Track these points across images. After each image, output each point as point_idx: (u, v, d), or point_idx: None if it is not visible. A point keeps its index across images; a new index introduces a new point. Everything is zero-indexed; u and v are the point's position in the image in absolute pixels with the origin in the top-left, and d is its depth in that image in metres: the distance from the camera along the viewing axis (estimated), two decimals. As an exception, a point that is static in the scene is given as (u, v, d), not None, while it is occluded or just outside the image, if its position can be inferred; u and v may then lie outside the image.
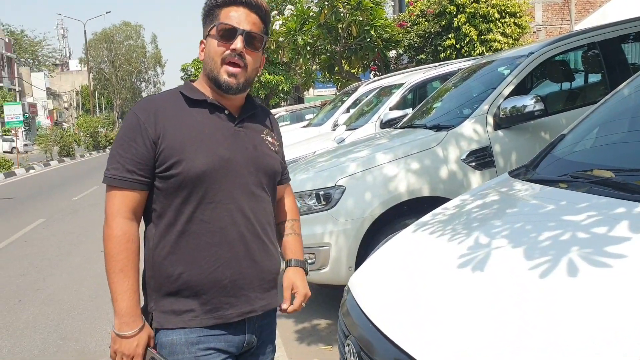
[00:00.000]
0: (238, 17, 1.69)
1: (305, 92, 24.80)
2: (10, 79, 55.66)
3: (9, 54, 57.04)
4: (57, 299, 5.42)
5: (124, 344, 1.60)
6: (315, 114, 14.97)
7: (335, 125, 8.60)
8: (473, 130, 4.28)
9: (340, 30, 11.58)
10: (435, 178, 4.17)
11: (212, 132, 1.69)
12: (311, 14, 11.70)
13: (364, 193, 4.13)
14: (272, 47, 12.45)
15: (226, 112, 1.74)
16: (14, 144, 37.14)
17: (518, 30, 12.05)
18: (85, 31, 48.85)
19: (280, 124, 16.32)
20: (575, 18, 22.57)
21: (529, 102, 4.14)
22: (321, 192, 4.21)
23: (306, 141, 7.77)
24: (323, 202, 4.19)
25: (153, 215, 1.69)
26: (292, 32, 11.58)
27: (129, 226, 1.63)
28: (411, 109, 7.35)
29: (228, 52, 1.68)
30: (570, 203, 2.06)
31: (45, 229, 9.37)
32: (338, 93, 13.58)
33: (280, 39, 11.87)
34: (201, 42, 1.78)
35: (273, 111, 19.13)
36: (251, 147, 1.74)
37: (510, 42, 11.92)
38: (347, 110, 9.35)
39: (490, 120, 4.30)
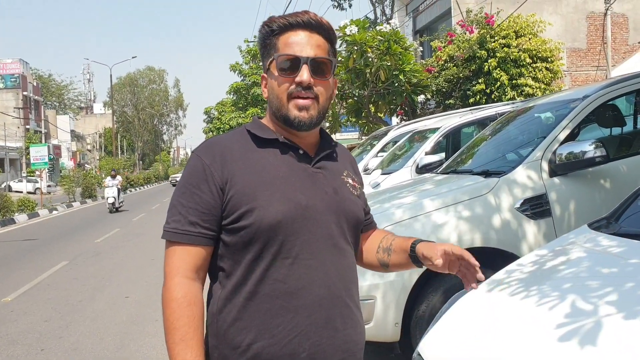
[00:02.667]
0: (299, 42, 1.46)
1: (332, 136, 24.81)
2: (36, 121, 56.82)
3: (36, 97, 58.45)
4: (80, 349, 5.16)
5: None
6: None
7: (366, 169, 8.41)
8: (527, 177, 4.03)
9: (368, 75, 11.51)
10: (487, 227, 3.90)
11: (286, 175, 1.45)
12: (340, 58, 11.66)
13: (412, 243, 3.86)
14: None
15: (301, 151, 1.51)
16: (37, 185, 37.50)
17: (550, 75, 11.88)
18: (111, 75, 49.94)
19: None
20: (599, 64, 22.39)
21: (588, 148, 3.89)
22: (365, 241, 3.95)
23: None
24: (367, 252, 3.93)
25: (220, 275, 1.45)
26: (320, 76, 11.52)
27: (190, 287, 1.40)
28: (444, 154, 7.16)
29: (294, 86, 1.45)
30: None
31: (68, 272, 9.18)
32: (365, 137, 13.45)
33: (308, 83, 11.82)
34: (262, 77, 1.56)
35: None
36: (331, 191, 1.50)
37: (542, 87, 11.73)
38: (377, 155, 9.18)
39: (545, 166, 4.04)
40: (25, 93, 54.83)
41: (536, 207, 3.95)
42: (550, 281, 2.07)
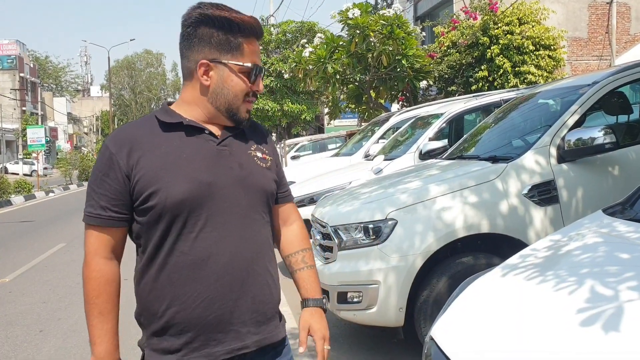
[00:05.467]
0: (257, 52, 1.64)
1: (329, 122, 24.65)
2: (33, 103, 56.48)
3: (33, 79, 58.02)
4: (79, 330, 5.12)
5: None
6: (339, 144, 14.75)
7: (367, 155, 8.33)
8: (535, 163, 3.97)
9: (370, 59, 11.40)
10: (494, 213, 3.85)
11: (190, 156, 1.57)
12: (341, 42, 11.56)
13: (418, 227, 3.82)
14: (300, 76, 12.30)
15: (206, 132, 1.62)
16: (34, 167, 37.35)
17: (552, 62, 11.78)
18: (109, 58, 49.38)
19: (302, 154, 16.26)
20: (601, 54, 22.26)
21: (598, 134, 3.83)
22: (370, 225, 3.90)
23: (339, 171, 7.49)
24: (372, 236, 3.88)
25: (138, 251, 1.62)
26: (322, 61, 11.41)
27: (107, 266, 1.56)
28: (447, 140, 7.08)
29: (251, 92, 1.63)
30: None
31: (65, 254, 9.13)
32: (364, 123, 13.37)
33: (310, 67, 11.70)
34: (207, 65, 1.60)
35: (295, 140, 19.01)
36: (237, 166, 1.62)
37: (544, 74, 11.64)
38: (378, 141, 9.10)
39: (554, 152, 3.99)
40: (22, 75, 54.42)
41: (544, 193, 3.91)
42: (567, 266, 2.02)
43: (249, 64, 1.60)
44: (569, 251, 2.16)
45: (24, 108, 53.67)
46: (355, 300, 3.92)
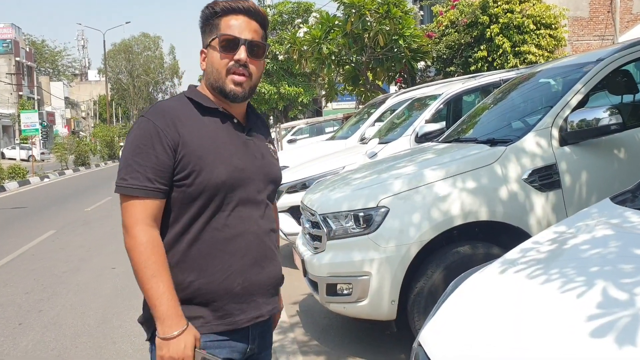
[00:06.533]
0: (239, 26, 1.68)
1: (326, 105, 24.32)
2: (29, 87, 55.98)
3: (29, 63, 57.47)
4: (60, 323, 4.91)
5: (172, 346, 1.55)
6: (336, 127, 14.46)
7: (362, 139, 8.08)
8: (536, 145, 3.73)
9: (367, 39, 11.08)
10: (493, 199, 3.62)
11: (226, 141, 1.69)
12: (337, 22, 11.24)
13: (412, 215, 3.58)
14: (294, 57, 11.99)
15: (235, 120, 1.75)
16: (31, 152, 37.08)
17: (554, 42, 11.46)
18: (104, 41, 48.73)
19: (299, 137, 15.99)
20: (602, 34, 21.96)
21: (603, 115, 3.58)
22: (361, 214, 3.67)
23: (333, 155, 7.23)
24: (363, 225, 3.65)
25: (167, 223, 1.66)
26: (316, 41, 11.10)
27: (152, 233, 1.60)
28: (445, 122, 6.82)
29: (232, 62, 1.67)
30: None
31: (54, 241, 8.92)
32: (362, 106, 13.09)
33: (304, 48, 11.38)
34: (202, 52, 1.75)
35: (291, 124, 18.70)
36: (260, 156, 1.77)
37: (545, 54, 11.33)
38: (374, 124, 8.83)
39: (556, 134, 3.74)
40: (17, 59, 53.80)
41: (545, 178, 3.67)
42: (573, 263, 1.79)
43: (220, 34, 1.66)
44: (575, 245, 1.93)
45: (20, 93, 53.18)
46: (345, 292, 3.71)
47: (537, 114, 4.15)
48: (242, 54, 1.66)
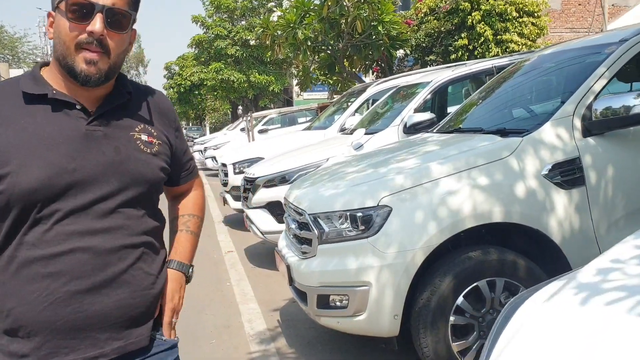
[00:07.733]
0: None
1: (298, 95, 23.73)
2: (-13, 74, 53.99)
3: (-14, 49, 55.33)
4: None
5: None
6: (309, 118, 13.93)
7: (343, 129, 7.59)
8: (556, 136, 3.28)
9: (344, 25, 10.57)
10: (509, 198, 3.16)
11: (52, 136, 1.37)
12: (313, 6, 10.70)
13: (417, 216, 3.10)
14: (267, 42, 11.42)
15: (78, 107, 1.40)
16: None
17: (537, 30, 11.14)
18: (66, 27, 46.88)
19: (270, 127, 15.39)
20: (573, 26, 22.07)
21: (634, 102, 3.15)
22: (358, 214, 3.17)
23: (314, 146, 6.72)
24: (360, 227, 3.15)
25: None
26: (291, 26, 10.54)
27: None
28: (430, 112, 6.39)
29: (84, 35, 1.35)
30: None
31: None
32: (336, 95, 12.60)
33: (278, 33, 10.82)
34: (49, 15, 1.41)
35: (262, 113, 18.04)
36: (111, 151, 1.42)
37: (528, 43, 11.00)
38: (354, 113, 8.36)
39: (578, 124, 3.30)
40: (-27, 44, 51.78)
41: (567, 173, 3.23)
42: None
43: None
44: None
45: (-23, 80, 51.28)
46: (339, 305, 3.21)
47: (550, 101, 3.72)
48: (97, 24, 1.34)
